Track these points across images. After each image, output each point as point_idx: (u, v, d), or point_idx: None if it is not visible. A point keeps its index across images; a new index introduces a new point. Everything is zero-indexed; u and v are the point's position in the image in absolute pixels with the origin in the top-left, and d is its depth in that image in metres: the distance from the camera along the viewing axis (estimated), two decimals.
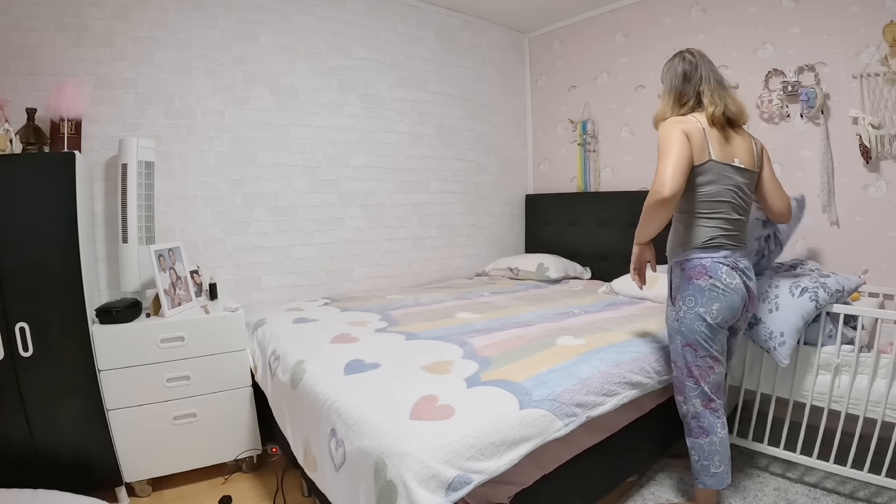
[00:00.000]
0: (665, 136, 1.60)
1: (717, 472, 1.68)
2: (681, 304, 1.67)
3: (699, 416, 1.70)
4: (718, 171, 1.62)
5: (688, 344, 1.66)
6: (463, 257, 3.65)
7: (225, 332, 2.11)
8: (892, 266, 2.31)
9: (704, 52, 1.75)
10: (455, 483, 1.17)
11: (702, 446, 1.70)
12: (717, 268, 1.61)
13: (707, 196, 1.63)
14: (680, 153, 1.55)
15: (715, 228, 1.63)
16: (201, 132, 2.55)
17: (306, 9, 2.85)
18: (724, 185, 1.63)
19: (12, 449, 1.76)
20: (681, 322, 1.67)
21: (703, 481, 1.71)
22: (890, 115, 2.24)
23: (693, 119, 1.63)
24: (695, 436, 1.72)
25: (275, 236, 2.80)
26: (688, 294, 1.64)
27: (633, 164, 3.30)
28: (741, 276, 1.63)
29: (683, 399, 1.74)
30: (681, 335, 1.68)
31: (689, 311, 1.64)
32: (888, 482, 1.72)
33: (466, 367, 1.61)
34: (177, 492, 2.07)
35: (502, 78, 3.82)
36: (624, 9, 3.29)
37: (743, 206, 1.68)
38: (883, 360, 1.73)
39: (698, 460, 1.71)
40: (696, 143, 1.59)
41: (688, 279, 1.65)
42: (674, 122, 1.63)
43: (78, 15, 2.21)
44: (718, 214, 1.63)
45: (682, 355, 1.69)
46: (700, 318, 1.62)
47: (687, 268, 1.66)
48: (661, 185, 1.53)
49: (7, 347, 1.72)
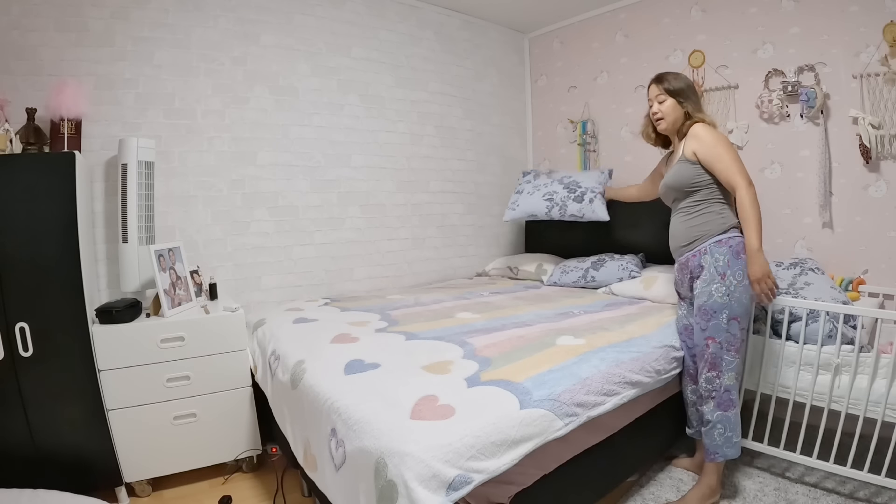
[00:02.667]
0: (719, 139, 1.84)
1: (737, 441, 1.81)
2: (731, 279, 1.78)
3: (731, 388, 1.81)
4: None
5: (734, 317, 1.79)
6: (463, 257, 3.65)
7: (225, 332, 2.11)
8: (892, 266, 2.31)
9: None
10: (456, 483, 1.17)
11: (729, 418, 1.80)
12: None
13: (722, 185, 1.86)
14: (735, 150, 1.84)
15: (735, 212, 1.85)
16: (201, 132, 2.55)
17: (306, 9, 2.85)
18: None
19: (12, 449, 1.76)
20: (731, 296, 1.78)
21: (724, 453, 1.80)
22: (890, 115, 2.24)
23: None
24: (724, 408, 1.81)
25: (275, 236, 2.80)
26: (737, 268, 1.78)
27: (633, 164, 3.30)
28: None
29: (717, 374, 1.82)
30: (729, 308, 1.78)
31: (740, 285, 1.78)
32: (888, 482, 1.72)
33: (467, 367, 1.61)
34: (177, 492, 2.07)
35: (502, 78, 3.82)
36: (624, 9, 3.29)
37: None
38: (883, 360, 1.73)
39: (724, 432, 1.80)
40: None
41: (735, 255, 1.79)
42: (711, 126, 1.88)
43: (78, 15, 2.21)
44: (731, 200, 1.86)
45: (725, 329, 1.79)
46: (747, 290, 1.79)
47: (733, 244, 1.80)
48: (747, 177, 1.78)
49: (7, 347, 1.72)
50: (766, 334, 2.02)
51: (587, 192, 2.93)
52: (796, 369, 1.91)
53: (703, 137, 1.83)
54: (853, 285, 2.28)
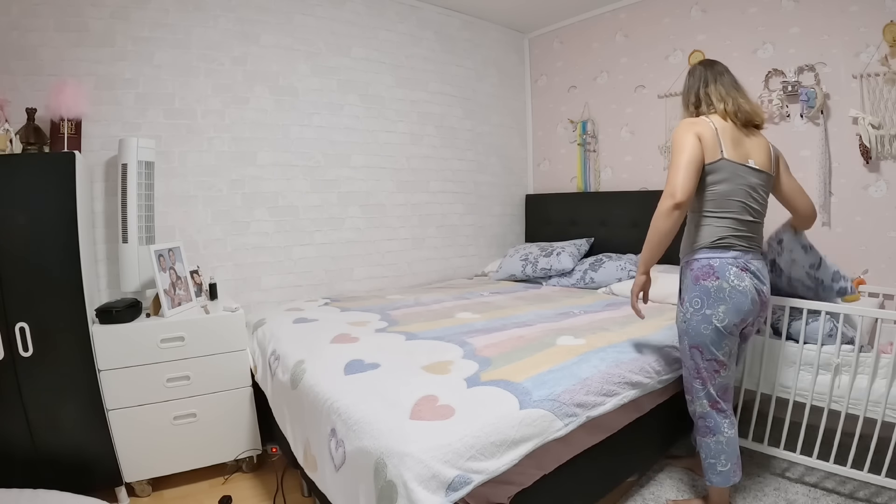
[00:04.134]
0: (676, 139, 1.62)
1: (723, 471, 1.69)
2: (688, 305, 1.65)
3: (706, 415, 1.71)
4: (731, 171, 1.60)
5: (694, 346, 1.66)
6: (463, 257, 3.65)
7: (225, 332, 2.11)
8: (892, 266, 2.31)
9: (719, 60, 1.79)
10: (455, 483, 1.17)
11: (708, 445, 1.71)
12: (725, 268, 1.59)
13: (718, 195, 1.62)
14: (691, 157, 1.57)
15: (725, 228, 1.61)
16: (201, 132, 2.55)
17: (306, 9, 2.85)
18: (737, 185, 1.61)
19: (12, 449, 1.76)
20: (687, 324, 1.66)
21: (709, 479, 1.73)
22: (890, 115, 2.24)
23: (706, 119, 1.64)
24: (702, 434, 1.74)
25: (275, 236, 2.80)
26: (694, 295, 1.63)
27: (633, 164, 3.31)
28: (752, 279, 1.60)
29: (691, 398, 1.75)
30: (687, 336, 1.67)
31: (696, 314, 1.62)
32: (888, 482, 1.72)
33: (466, 367, 1.61)
34: (177, 492, 2.07)
35: (502, 78, 3.82)
36: (624, 9, 3.29)
37: (756, 209, 1.65)
38: (883, 360, 1.73)
39: (706, 458, 1.73)
40: (707, 142, 1.60)
41: (695, 280, 1.63)
42: (686, 124, 1.64)
43: (78, 15, 2.21)
44: (729, 214, 1.61)
45: (689, 356, 1.69)
46: (706, 320, 1.60)
47: (695, 268, 1.64)
48: (674, 189, 1.55)
49: (7, 347, 1.72)
50: (767, 334, 2.02)
51: (555, 249, 3.24)
52: (796, 369, 1.91)
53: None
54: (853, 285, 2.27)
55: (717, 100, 1.66)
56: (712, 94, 1.67)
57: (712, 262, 1.61)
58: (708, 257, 1.62)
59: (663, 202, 1.57)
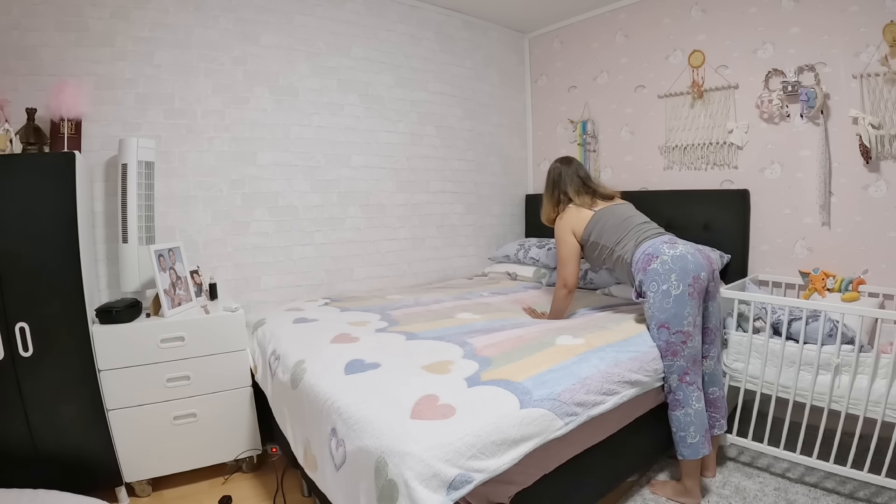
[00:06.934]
0: (559, 239, 2.18)
1: (692, 443, 1.80)
2: (647, 291, 1.89)
3: (675, 389, 1.85)
4: (605, 212, 2.12)
5: (661, 325, 1.84)
6: (463, 257, 3.65)
7: (225, 332, 2.11)
8: (892, 266, 2.31)
9: (571, 157, 2.36)
10: (456, 482, 1.17)
11: (678, 418, 1.83)
12: (657, 248, 1.90)
13: (611, 232, 2.06)
14: (571, 252, 2.15)
15: (632, 238, 2.01)
16: (201, 132, 2.54)
17: (306, 9, 2.85)
18: (617, 214, 2.11)
19: (12, 449, 1.76)
20: (651, 306, 1.87)
21: (681, 452, 1.83)
22: (890, 115, 2.24)
23: (571, 207, 2.19)
24: (671, 408, 1.86)
25: (275, 236, 2.80)
26: (649, 280, 1.87)
27: (633, 164, 3.30)
28: (682, 244, 1.90)
29: (665, 377, 1.86)
30: (654, 319, 1.87)
31: (656, 294, 1.85)
32: (888, 482, 1.72)
33: (467, 367, 1.61)
34: (177, 492, 2.07)
35: (502, 78, 3.82)
36: (624, 9, 3.29)
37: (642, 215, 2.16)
38: (883, 360, 1.73)
39: (676, 432, 1.84)
40: (578, 221, 2.15)
41: (643, 271, 1.90)
42: (562, 223, 2.18)
43: (78, 15, 2.21)
44: (628, 231, 2.04)
45: (658, 336, 1.86)
46: (666, 295, 1.82)
47: (640, 264, 1.92)
48: (566, 281, 2.13)
49: (7, 347, 1.72)
50: (767, 334, 2.02)
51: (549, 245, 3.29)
52: (796, 369, 1.91)
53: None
54: (853, 285, 2.27)
55: (574, 195, 2.21)
56: (570, 192, 2.23)
57: (646, 250, 1.92)
58: (642, 251, 1.94)
59: (559, 290, 2.15)
